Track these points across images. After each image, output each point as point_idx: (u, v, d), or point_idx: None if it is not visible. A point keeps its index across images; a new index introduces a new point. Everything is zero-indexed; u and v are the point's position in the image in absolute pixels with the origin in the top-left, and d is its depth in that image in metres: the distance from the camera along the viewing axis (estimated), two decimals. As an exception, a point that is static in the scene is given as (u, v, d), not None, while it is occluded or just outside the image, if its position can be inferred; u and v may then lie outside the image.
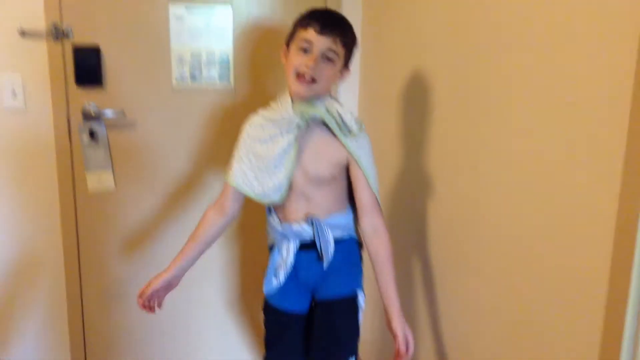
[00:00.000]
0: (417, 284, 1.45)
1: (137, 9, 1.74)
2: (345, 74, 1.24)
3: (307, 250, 1.26)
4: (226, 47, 1.81)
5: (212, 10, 1.78)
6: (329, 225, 1.25)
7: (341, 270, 1.28)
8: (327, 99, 1.22)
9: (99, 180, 1.79)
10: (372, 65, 1.78)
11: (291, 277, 1.28)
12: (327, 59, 1.16)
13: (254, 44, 1.83)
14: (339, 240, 1.26)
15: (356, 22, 1.87)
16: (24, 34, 1.65)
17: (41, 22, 1.67)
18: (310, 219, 1.24)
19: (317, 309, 1.31)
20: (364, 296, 1.31)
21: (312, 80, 1.16)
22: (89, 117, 1.74)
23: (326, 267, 1.26)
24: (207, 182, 1.88)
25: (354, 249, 1.33)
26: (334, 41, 1.16)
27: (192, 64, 1.80)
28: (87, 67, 1.72)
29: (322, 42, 1.15)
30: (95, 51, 1.71)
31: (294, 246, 1.26)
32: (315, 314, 1.31)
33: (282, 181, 1.22)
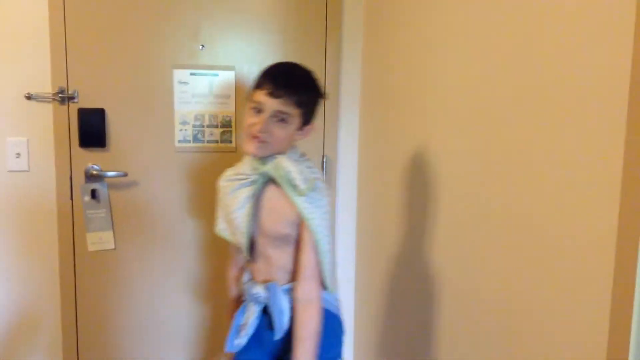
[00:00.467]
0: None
1: (142, 74, 1.77)
2: (307, 130, 1.22)
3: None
4: (229, 110, 1.83)
5: (215, 75, 1.81)
6: (289, 292, 1.20)
7: None
8: (278, 157, 1.18)
9: (99, 240, 1.79)
10: (373, 104, 1.77)
11: (254, 337, 1.24)
12: (279, 119, 1.15)
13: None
14: None
15: (356, 62, 1.89)
16: (30, 97, 1.69)
17: (47, 85, 1.70)
18: (268, 284, 1.20)
19: None
20: None
21: (263, 140, 1.15)
22: (92, 178, 1.75)
23: (277, 337, 1.20)
24: (206, 240, 1.88)
25: (326, 319, 1.21)
26: (285, 103, 1.14)
27: (195, 126, 1.82)
28: (92, 129, 1.74)
29: (271, 103, 1.14)
30: (100, 113, 1.74)
31: (257, 308, 1.23)
32: None
33: (242, 241, 1.21)
